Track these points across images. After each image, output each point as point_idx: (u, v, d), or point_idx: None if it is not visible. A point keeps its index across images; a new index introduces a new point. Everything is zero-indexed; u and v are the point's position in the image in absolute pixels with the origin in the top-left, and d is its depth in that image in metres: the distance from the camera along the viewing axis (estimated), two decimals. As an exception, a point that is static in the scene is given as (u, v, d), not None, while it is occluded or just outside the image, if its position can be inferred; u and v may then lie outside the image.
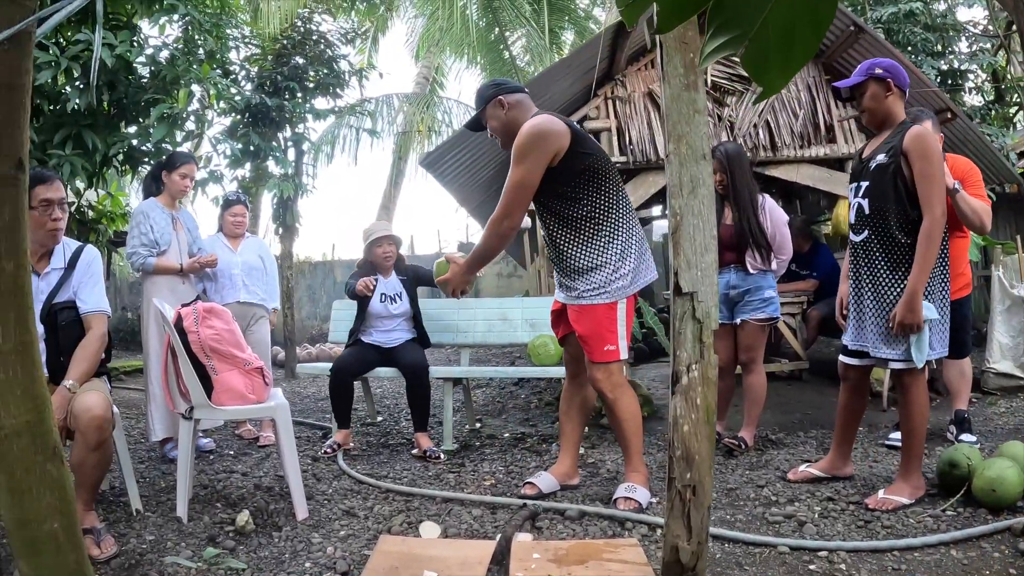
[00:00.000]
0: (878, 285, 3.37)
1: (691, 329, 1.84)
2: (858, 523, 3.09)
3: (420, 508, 3.49)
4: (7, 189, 1.62)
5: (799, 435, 4.83)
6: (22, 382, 1.63)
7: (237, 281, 5.32)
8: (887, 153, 3.33)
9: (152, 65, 6.14)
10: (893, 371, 3.41)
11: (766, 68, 0.88)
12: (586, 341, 3.48)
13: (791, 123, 6.42)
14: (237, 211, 5.50)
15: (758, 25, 0.85)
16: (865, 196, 3.41)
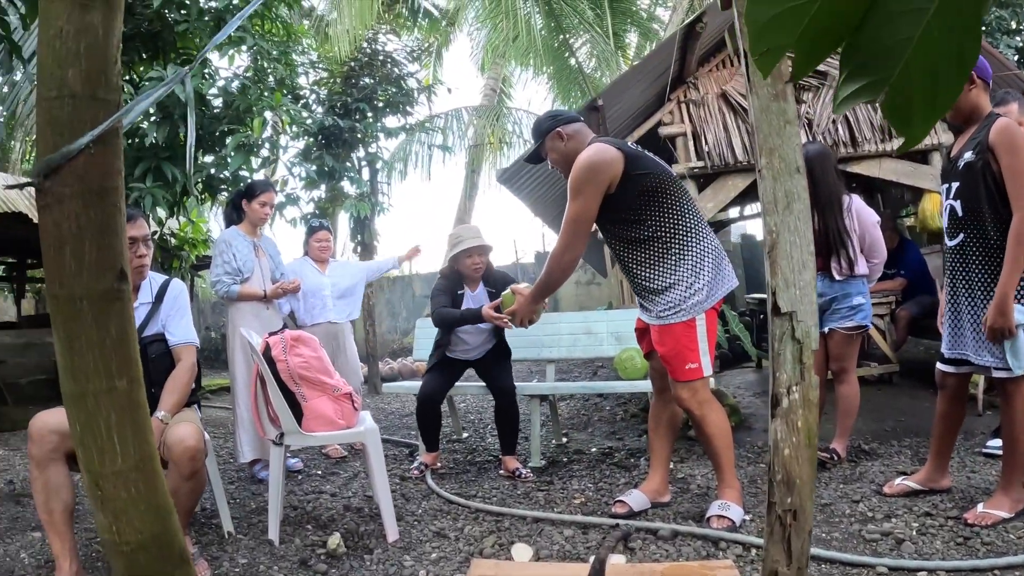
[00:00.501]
0: (972, 290, 3.22)
1: (791, 350, 1.78)
2: (957, 540, 2.96)
3: (511, 528, 3.46)
4: (112, 304, 1.54)
5: (893, 444, 4.66)
6: (145, 497, 1.60)
7: (328, 302, 5.65)
8: (974, 150, 3.18)
9: (224, 96, 6.31)
10: (994, 378, 3.25)
11: (909, 116, 0.82)
12: (668, 361, 3.42)
13: (870, 116, 6.22)
14: (321, 236, 5.82)
15: (899, 69, 0.79)
16: (957, 197, 3.25)
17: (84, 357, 1.51)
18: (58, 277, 1.51)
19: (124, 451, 1.56)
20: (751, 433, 5.17)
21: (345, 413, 3.51)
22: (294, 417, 3.43)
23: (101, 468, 1.55)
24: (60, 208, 1.47)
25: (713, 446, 3.43)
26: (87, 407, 1.53)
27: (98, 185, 1.50)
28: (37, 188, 1.48)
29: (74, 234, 1.48)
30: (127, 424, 1.57)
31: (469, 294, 4.82)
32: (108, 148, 1.50)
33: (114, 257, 1.53)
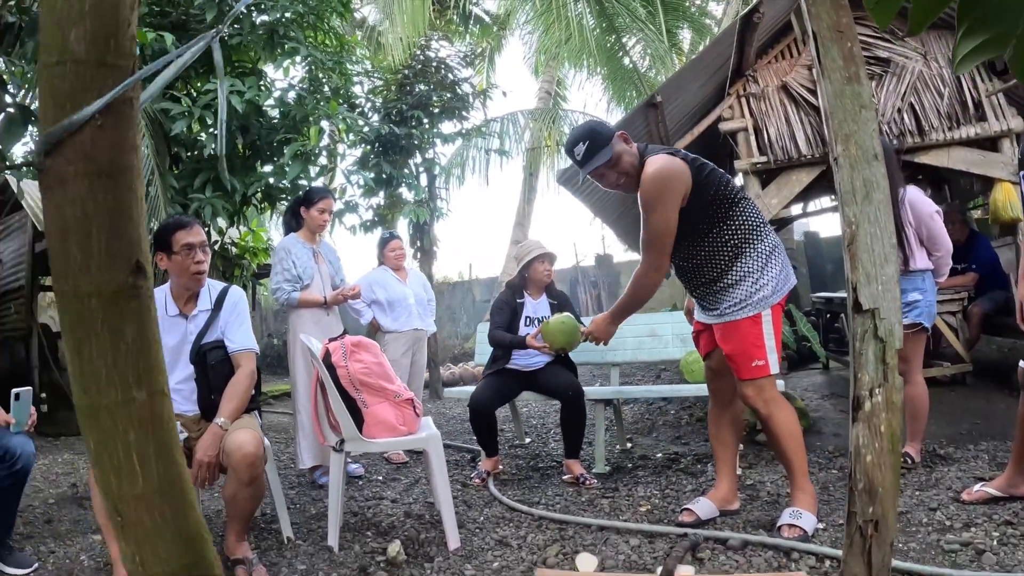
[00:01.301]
0: None
1: (873, 349, 1.67)
2: (1040, 550, 2.80)
3: (575, 537, 3.38)
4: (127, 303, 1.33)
5: (969, 448, 4.46)
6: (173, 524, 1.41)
7: (412, 311, 5.91)
8: None
9: (281, 106, 6.38)
10: None
11: None
12: (733, 359, 3.32)
13: (936, 103, 5.99)
14: (395, 246, 6.07)
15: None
16: None
17: (95, 365, 1.33)
18: (63, 271, 1.32)
19: (146, 472, 1.38)
20: (821, 437, 5.00)
21: (407, 419, 3.47)
22: (355, 423, 3.40)
23: (120, 491, 1.39)
24: (63, 190, 1.28)
25: (782, 447, 3.31)
26: (100, 423, 1.36)
27: (107, 163, 1.30)
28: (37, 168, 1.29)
29: (79, 220, 1.29)
30: (149, 442, 1.39)
31: (530, 302, 4.90)
32: (120, 120, 1.30)
33: (129, 248, 1.33)
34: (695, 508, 3.46)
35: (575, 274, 15.08)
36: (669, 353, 5.25)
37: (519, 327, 4.81)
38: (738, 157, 6.19)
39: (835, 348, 7.12)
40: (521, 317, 4.84)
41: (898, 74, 6.07)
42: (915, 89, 6.04)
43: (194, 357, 3.25)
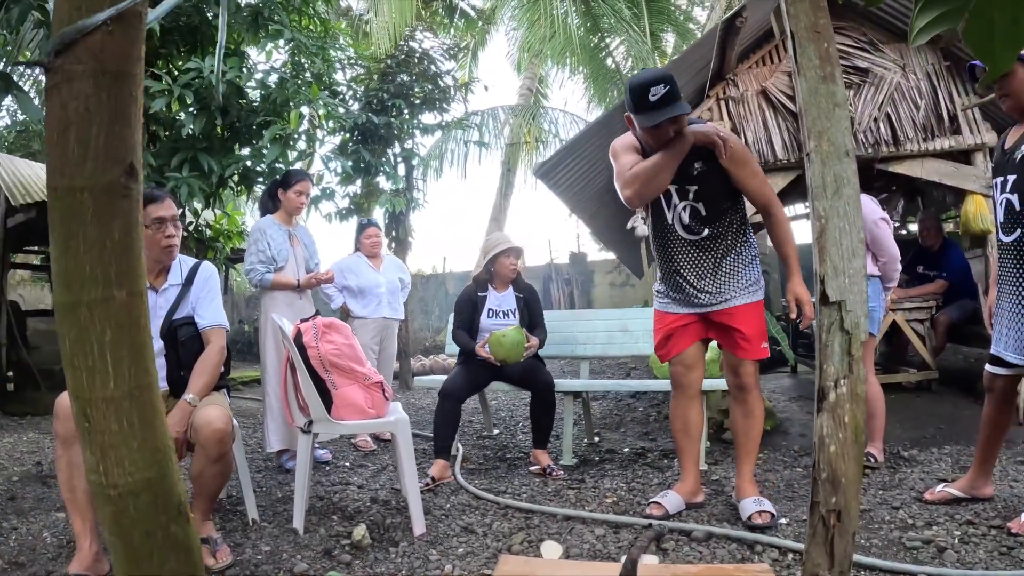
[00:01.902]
0: None
1: (839, 341, 1.70)
2: (1001, 549, 2.88)
3: (540, 526, 3.40)
4: (117, 201, 1.37)
5: (932, 451, 4.55)
6: (139, 433, 1.40)
7: (383, 299, 5.88)
8: None
9: (262, 89, 6.34)
10: None
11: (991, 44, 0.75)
12: (749, 340, 3.45)
13: (912, 115, 6.08)
14: (371, 232, 6.08)
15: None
16: (1014, 191, 3.14)
17: (80, 260, 1.34)
18: (59, 166, 1.34)
19: (118, 374, 1.37)
20: (787, 437, 5.08)
21: (376, 402, 3.47)
22: (324, 405, 3.40)
23: (90, 393, 1.37)
24: (69, 87, 1.32)
25: (755, 432, 3.48)
26: (79, 320, 1.36)
27: (115, 68, 1.35)
28: (46, 68, 1.34)
29: (81, 116, 1.32)
30: (124, 344, 1.38)
31: (494, 295, 4.92)
32: (128, 30, 1.35)
33: (125, 149, 1.37)
34: (663, 501, 3.50)
35: (549, 271, 15.13)
36: (640, 348, 5.28)
37: (481, 320, 4.84)
38: (716, 158, 6.22)
39: (804, 352, 7.21)
40: (484, 310, 4.86)
41: (876, 84, 6.15)
42: (892, 100, 6.12)
43: (164, 332, 3.23)
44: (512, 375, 4.74)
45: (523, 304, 4.90)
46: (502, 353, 4.50)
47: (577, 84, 14.08)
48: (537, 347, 4.65)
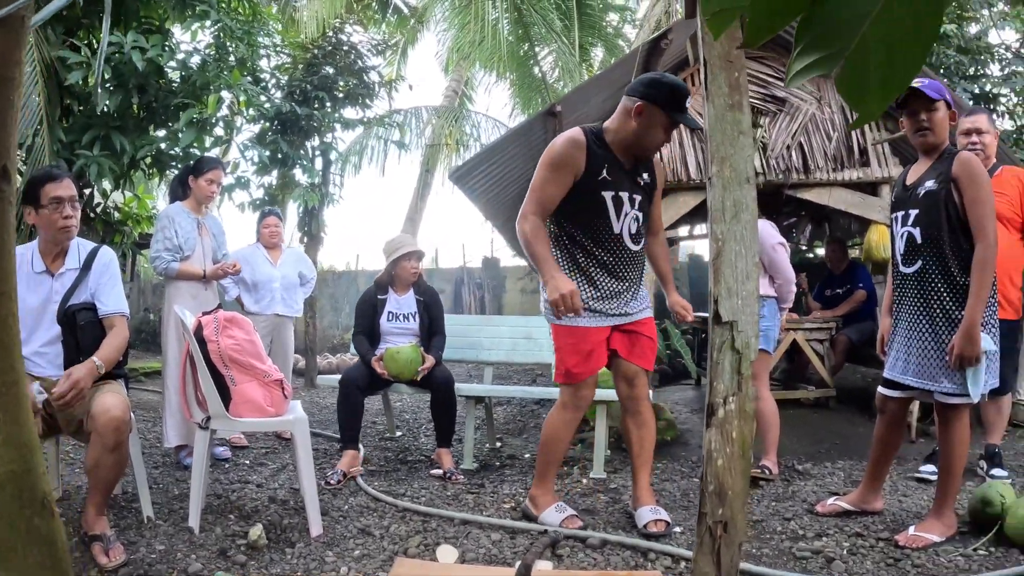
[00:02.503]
0: (933, 316, 3.24)
1: (729, 360, 1.76)
2: (887, 561, 2.99)
3: (438, 530, 3.40)
4: None
5: (826, 465, 4.71)
6: (5, 428, 1.41)
7: (277, 294, 5.70)
8: (936, 180, 3.24)
9: (183, 70, 6.16)
10: (937, 404, 3.29)
11: (864, 92, 0.78)
12: (652, 350, 3.54)
13: (824, 145, 6.31)
14: (270, 222, 5.88)
15: (855, 42, 0.76)
16: (916, 225, 3.29)
17: None
18: None
19: None
20: (687, 448, 5.19)
21: (275, 400, 3.41)
22: (222, 401, 3.33)
23: None
24: None
25: (650, 442, 3.53)
26: None
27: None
28: None
29: None
30: None
31: (394, 298, 4.90)
32: (9, 35, 1.33)
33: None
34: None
35: (461, 275, 15.14)
36: (544, 356, 5.30)
37: (381, 323, 4.83)
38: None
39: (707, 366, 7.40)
40: (384, 313, 4.84)
41: (792, 113, 6.36)
42: (806, 129, 6.34)
43: (61, 317, 3.12)
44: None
45: (423, 308, 4.88)
46: (395, 369, 4.52)
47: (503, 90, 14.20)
48: (432, 367, 4.61)
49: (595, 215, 3.37)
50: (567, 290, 3.20)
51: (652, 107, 3.25)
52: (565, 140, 3.34)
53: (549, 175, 3.32)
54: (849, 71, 0.78)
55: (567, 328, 3.42)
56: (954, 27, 9.38)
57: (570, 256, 3.43)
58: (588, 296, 3.41)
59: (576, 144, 3.31)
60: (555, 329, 3.47)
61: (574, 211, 3.38)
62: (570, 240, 3.43)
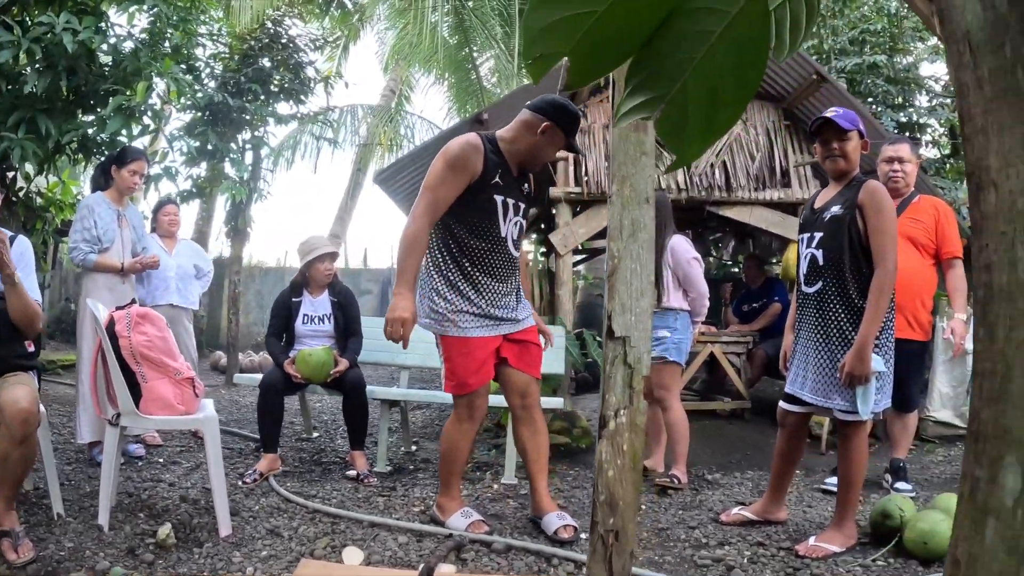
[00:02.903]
0: (829, 335, 3.37)
1: (621, 374, 1.83)
2: (787, 570, 3.09)
3: (346, 531, 3.41)
4: None
5: (736, 475, 4.84)
6: None
7: (171, 284, 5.47)
8: (842, 205, 3.36)
9: (114, 55, 6.01)
10: (836, 420, 3.43)
11: (681, 135, 0.83)
12: (540, 357, 3.63)
13: (747, 165, 6.50)
14: (169, 210, 5.73)
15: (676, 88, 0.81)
16: (819, 247, 3.42)
17: None
18: None
19: None
20: (600, 456, 5.26)
21: (185, 398, 3.38)
22: (132, 398, 3.28)
23: None
24: None
25: (545, 448, 3.61)
26: None
27: None
28: None
29: None
30: None
31: (309, 300, 4.87)
32: None
33: None
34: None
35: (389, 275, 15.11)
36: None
37: (296, 326, 4.81)
38: (555, 184, 6.45)
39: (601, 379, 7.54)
40: (299, 315, 4.81)
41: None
42: (730, 149, 6.53)
43: None
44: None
45: (338, 309, 4.85)
46: (307, 371, 4.50)
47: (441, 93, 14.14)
48: (345, 370, 4.59)
49: (485, 217, 3.43)
50: (405, 316, 3.26)
51: (556, 129, 3.41)
52: (464, 143, 3.39)
53: (446, 175, 3.34)
54: (669, 115, 0.82)
55: (458, 339, 3.42)
56: (884, 58, 9.73)
57: (458, 266, 3.43)
58: (478, 304, 3.43)
59: (475, 147, 3.36)
60: (446, 340, 3.45)
61: (465, 213, 3.40)
62: (458, 247, 3.43)
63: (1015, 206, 0.83)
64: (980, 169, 0.86)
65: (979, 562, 0.88)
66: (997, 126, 0.84)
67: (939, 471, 5.09)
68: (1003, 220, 0.84)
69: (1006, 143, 0.83)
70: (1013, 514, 0.84)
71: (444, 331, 3.42)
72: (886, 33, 10.09)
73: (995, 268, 0.86)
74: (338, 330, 4.82)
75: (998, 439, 0.86)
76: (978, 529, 0.88)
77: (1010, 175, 0.83)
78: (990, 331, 0.87)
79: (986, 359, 0.88)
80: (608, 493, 1.94)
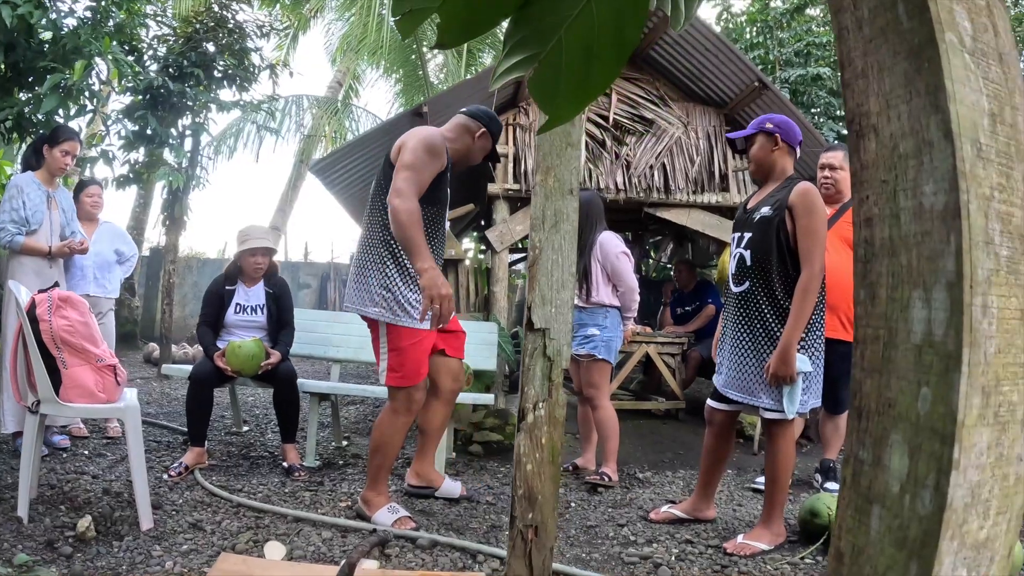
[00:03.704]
0: (755, 335, 3.41)
1: (541, 366, 1.83)
2: (715, 567, 3.12)
3: (270, 526, 3.36)
4: None
5: (667, 474, 4.88)
6: None
7: (88, 273, 5.20)
8: (772, 206, 3.40)
9: (54, 31, 5.82)
10: (763, 419, 3.48)
11: (554, 94, 0.80)
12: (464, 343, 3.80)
13: (687, 168, 6.59)
14: (93, 191, 5.43)
15: (551, 46, 0.78)
16: (748, 247, 3.46)
17: None
18: None
19: None
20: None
21: (107, 386, 3.29)
22: (52, 384, 3.18)
23: None
24: None
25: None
26: None
27: None
28: None
29: None
30: None
31: (243, 290, 4.77)
32: None
33: None
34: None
35: (328, 270, 14.98)
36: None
37: (228, 315, 4.71)
38: (493, 180, 6.47)
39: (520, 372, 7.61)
40: (231, 304, 4.72)
41: (658, 135, 6.60)
42: (671, 151, 6.61)
43: None
44: None
45: (272, 300, 4.77)
46: (236, 363, 4.40)
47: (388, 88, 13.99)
48: (276, 363, 4.52)
49: (440, 208, 3.53)
50: (447, 292, 3.19)
51: (488, 137, 3.58)
52: (438, 135, 3.46)
53: (428, 161, 3.35)
54: (542, 74, 0.80)
55: (411, 330, 3.42)
56: (828, 71, 9.94)
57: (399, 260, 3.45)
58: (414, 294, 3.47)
59: (443, 140, 3.46)
60: (397, 331, 3.43)
61: (425, 203, 3.39)
62: None
63: (896, 150, 0.79)
64: (860, 115, 0.83)
65: (864, 555, 0.82)
66: (877, 67, 0.81)
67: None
68: (883, 168, 0.81)
69: (886, 84, 0.80)
70: (900, 500, 0.77)
71: (397, 320, 3.40)
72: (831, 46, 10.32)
73: (876, 222, 0.81)
74: (271, 321, 4.74)
75: (882, 415, 0.80)
76: (862, 519, 0.82)
77: (891, 118, 0.80)
78: (871, 292, 0.82)
79: (867, 324, 0.82)
80: (527, 487, 1.94)
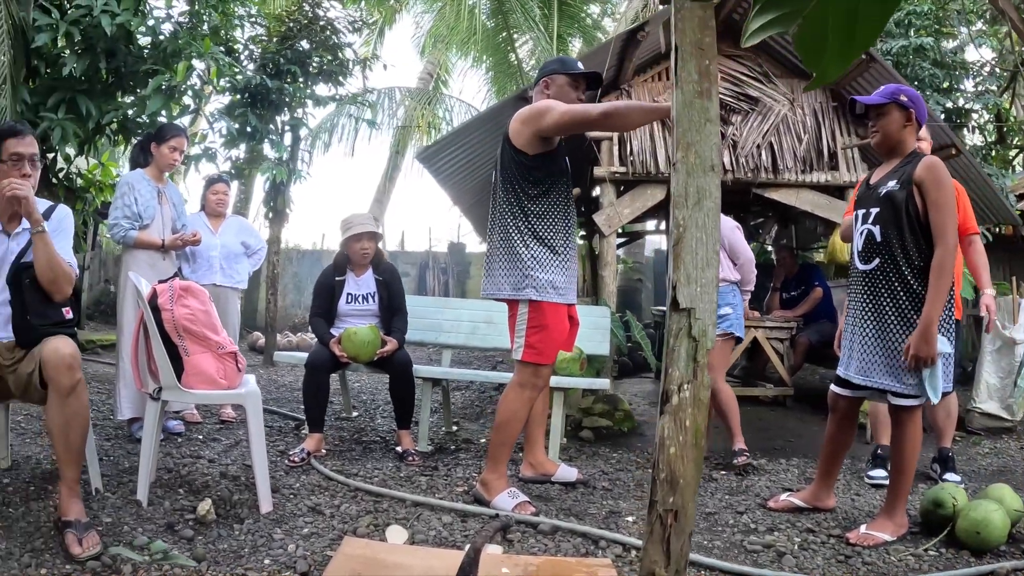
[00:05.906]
0: (884, 316, 3.25)
1: (686, 347, 1.75)
2: (838, 557, 3.02)
3: (389, 510, 3.37)
4: None
5: (781, 462, 4.76)
6: None
7: (215, 263, 5.43)
8: (898, 180, 3.25)
9: (153, 36, 6.03)
10: (889, 406, 3.32)
11: (822, 52, 0.76)
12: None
13: (795, 147, 6.36)
14: (219, 188, 5.65)
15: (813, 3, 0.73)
16: (876, 223, 3.31)
17: None
18: None
19: None
20: (642, 440, 5.24)
21: (228, 372, 3.36)
22: (174, 371, 3.26)
23: None
24: None
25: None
26: None
27: None
28: None
29: None
30: None
31: (352, 279, 4.81)
32: None
33: None
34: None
35: (427, 259, 15.12)
36: (503, 342, 5.22)
37: (340, 305, 4.75)
38: (599, 163, 6.35)
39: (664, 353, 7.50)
40: (342, 294, 4.76)
41: (764, 113, 6.39)
42: (777, 130, 6.39)
43: (10, 277, 2.99)
44: None
45: (383, 288, 4.78)
46: (352, 349, 4.42)
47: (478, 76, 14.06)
48: (393, 350, 4.54)
49: (566, 179, 3.61)
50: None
51: (558, 77, 3.56)
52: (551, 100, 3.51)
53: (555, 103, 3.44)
54: (807, 31, 0.76)
55: (554, 305, 3.47)
56: (931, 40, 9.49)
57: (554, 230, 3.51)
58: (553, 274, 3.50)
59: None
60: (541, 307, 3.45)
61: (551, 176, 3.54)
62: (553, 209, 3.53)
63: None
64: None
65: None
66: None
67: (986, 463, 4.98)
68: None
69: None
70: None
71: (543, 297, 3.44)
72: (932, 15, 9.84)
73: None
74: (383, 308, 4.76)
75: None
76: None
77: None
78: None
79: None
80: (669, 471, 1.86)
